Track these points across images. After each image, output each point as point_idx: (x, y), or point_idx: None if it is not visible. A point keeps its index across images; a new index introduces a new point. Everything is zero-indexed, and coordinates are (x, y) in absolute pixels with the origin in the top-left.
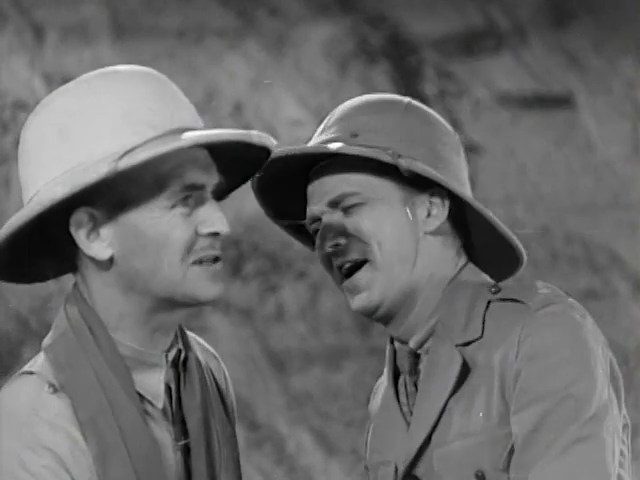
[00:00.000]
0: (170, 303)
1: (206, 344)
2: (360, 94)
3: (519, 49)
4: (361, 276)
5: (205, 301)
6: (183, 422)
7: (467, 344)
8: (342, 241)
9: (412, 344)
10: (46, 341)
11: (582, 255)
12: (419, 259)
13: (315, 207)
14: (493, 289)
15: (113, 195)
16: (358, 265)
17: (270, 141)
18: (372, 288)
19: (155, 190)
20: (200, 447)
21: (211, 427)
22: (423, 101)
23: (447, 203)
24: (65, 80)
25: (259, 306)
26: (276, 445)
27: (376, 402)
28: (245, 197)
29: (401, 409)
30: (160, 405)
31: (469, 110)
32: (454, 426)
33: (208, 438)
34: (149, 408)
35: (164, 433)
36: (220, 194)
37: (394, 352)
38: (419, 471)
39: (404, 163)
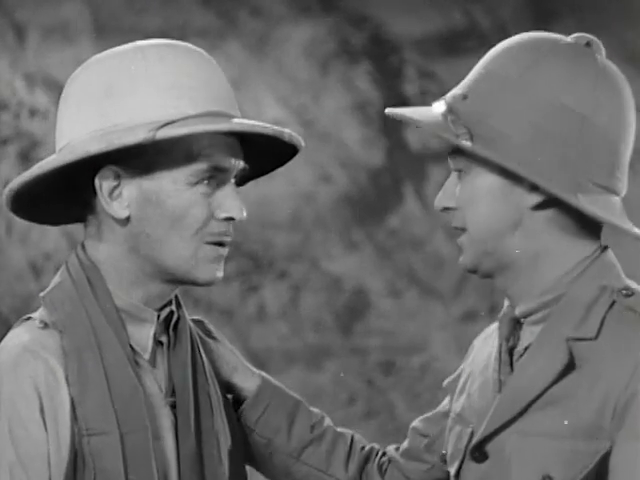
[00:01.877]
0: (168, 275)
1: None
2: (341, 94)
3: None
4: (460, 239)
5: (203, 282)
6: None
7: (578, 340)
8: (450, 205)
9: (517, 312)
10: (44, 292)
11: None
12: (518, 233)
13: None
14: (624, 292)
15: (143, 161)
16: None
17: (299, 141)
18: (467, 253)
19: (183, 164)
20: (186, 406)
21: (199, 389)
22: (404, 101)
23: None
24: (47, 80)
25: (240, 306)
26: None
27: (481, 353)
28: None
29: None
30: (147, 356)
31: None
32: (539, 421)
33: (197, 400)
34: (140, 360)
35: (153, 386)
36: (241, 181)
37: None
38: (490, 448)
39: (467, 146)
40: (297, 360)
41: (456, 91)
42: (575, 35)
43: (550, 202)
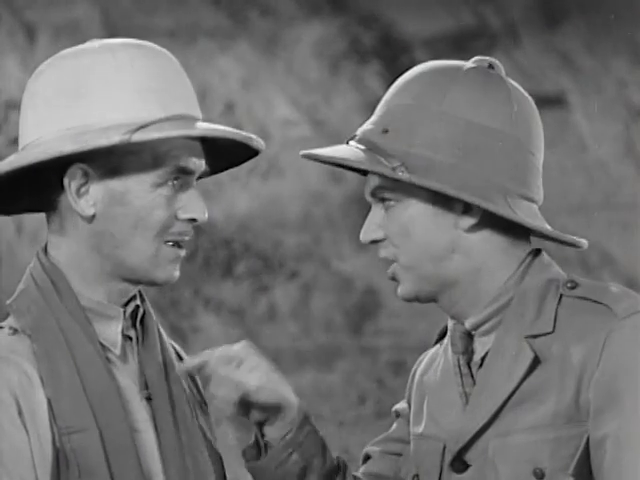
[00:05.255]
0: (127, 273)
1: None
2: (352, 94)
3: (511, 49)
4: (393, 270)
5: (161, 282)
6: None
7: (536, 336)
8: (378, 237)
9: (467, 325)
10: (10, 299)
11: (574, 255)
12: (457, 255)
13: (365, 192)
14: (569, 284)
15: (111, 161)
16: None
17: (262, 146)
18: (405, 282)
19: (151, 166)
20: (162, 397)
21: (172, 380)
22: None
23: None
24: None
25: (251, 306)
26: None
27: (434, 373)
28: (237, 197)
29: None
30: (118, 352)
31: None
32: (517, 418)
33: (170, 392)
34: (111, 356)
35: (127, 381)
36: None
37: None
38: (470, 456)
39: (405, 178)
40: (308, 360)
41: (369, 127)
42: (476, 59)
43: (482, 222)
